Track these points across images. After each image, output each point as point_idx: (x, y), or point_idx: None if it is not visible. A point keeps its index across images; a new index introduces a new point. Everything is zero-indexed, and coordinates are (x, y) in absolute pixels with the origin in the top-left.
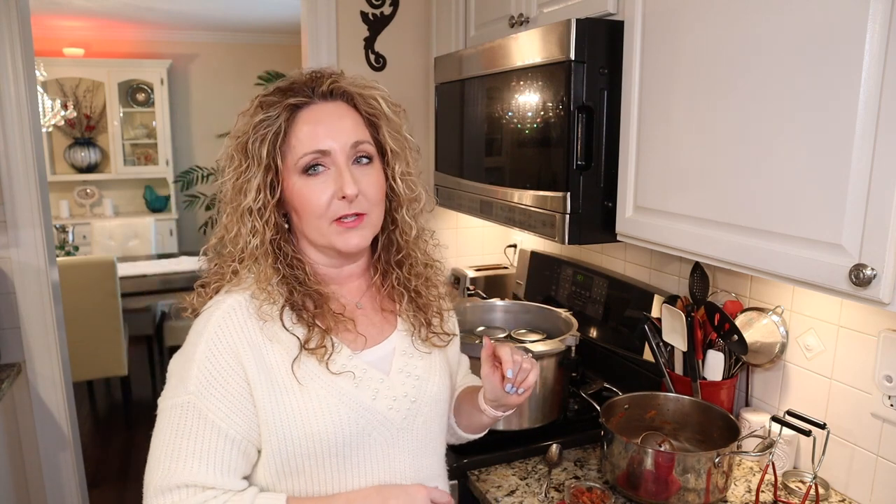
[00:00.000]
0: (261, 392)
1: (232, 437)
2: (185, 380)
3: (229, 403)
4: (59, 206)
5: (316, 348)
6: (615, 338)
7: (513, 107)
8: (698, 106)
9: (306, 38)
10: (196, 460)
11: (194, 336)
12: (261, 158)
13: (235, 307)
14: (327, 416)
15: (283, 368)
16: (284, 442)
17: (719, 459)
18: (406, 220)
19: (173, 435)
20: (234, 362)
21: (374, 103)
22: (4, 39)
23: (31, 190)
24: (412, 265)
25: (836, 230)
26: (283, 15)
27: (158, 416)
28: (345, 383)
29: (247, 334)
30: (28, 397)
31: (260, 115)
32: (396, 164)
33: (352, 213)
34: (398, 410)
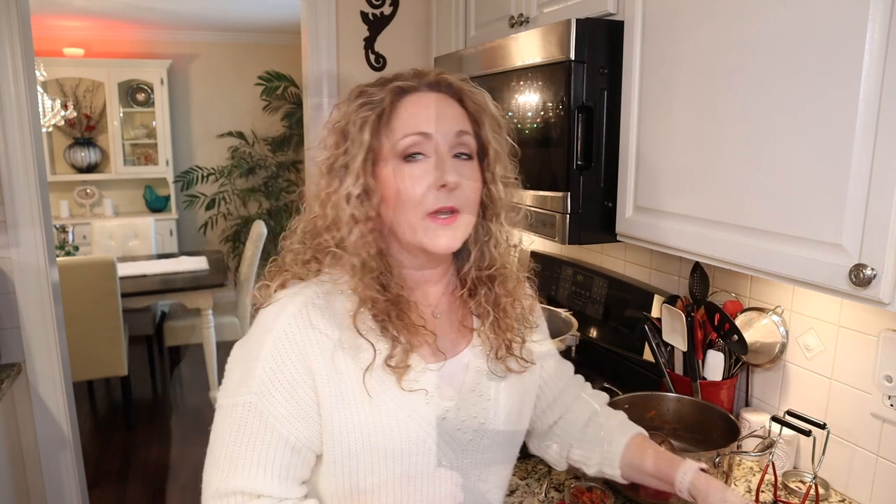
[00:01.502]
0: (328, 400)
1: (293, 443)
2: (248, 378)
3: (293, 408)
4: (59, 206)
5: (397, 367)
6: (615, 338)
7: (513, 107)
8: (698, 106)
9: (306, 38)
10: (255, 467)
11: (261, 331)
12: (361, 141)
13: (308, 304)
14: (396, 433)
15: (353, 377)
16: (349, 455)
17: (719, 459)
18: (502, 230)
19: (234, 437)
20: (302, 365)
21: (480, 99)
22: (4, 39)
23: (31, 190)
24: (503, 282)
25: (836, 230)
26: (283, 15)
27: (218, 412)
28: (416, 399)
29: (318, 335)
30: (28, 397)
31: (361, 100)
32: (497, 165)
33: (447, 207)
34: (465, 431)
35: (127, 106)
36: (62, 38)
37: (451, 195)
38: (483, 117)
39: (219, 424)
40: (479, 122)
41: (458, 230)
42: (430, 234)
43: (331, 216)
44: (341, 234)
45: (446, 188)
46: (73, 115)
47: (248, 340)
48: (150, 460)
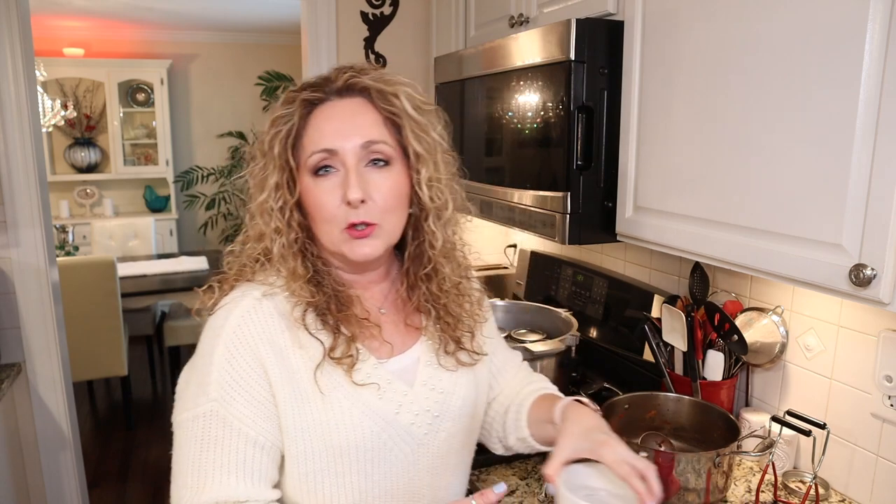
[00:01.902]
0: (283, 397)
1: (261, 443)
2: (204, 386)
3: (254, 408)
4: (59, 206)
5: (342, 357)
6: (615, 338)
7: (513, 107)
8: (698, 106)
9: (306, 38)
10: (226, 472)
11: (210, 337)
12: (275, 156)
13: (255, 305)
14: (350, 428)
15: (305, 375)
16: (305, 454)
17: (719, 459)
18: (433, 231)
19: (198, 448)
20: (256, 363)
21: (395, 101)
22: (4, 39)
23: (31, 190)
24: (441, 280)
25: (835, 230)
26: (283, 15)
27: (177, 431)
28: (369, 394)
29: (269, 334)
30: (28, 397)
31: (280, 111)
32: (422, 168)
33: (360, 221)
34: (420, 425)
35: (127, 106)
36: (62, 38)
37: (361, 210)
38: (401, 120)
39: (180, 441)
40: (398, 126)
41: (378, 239)
42: (348, 246)
43: (258, 227)
44: (265, 244)
45: (351, 205)
46: (73, 115)
47: (198, 353)
48: (150, 460)
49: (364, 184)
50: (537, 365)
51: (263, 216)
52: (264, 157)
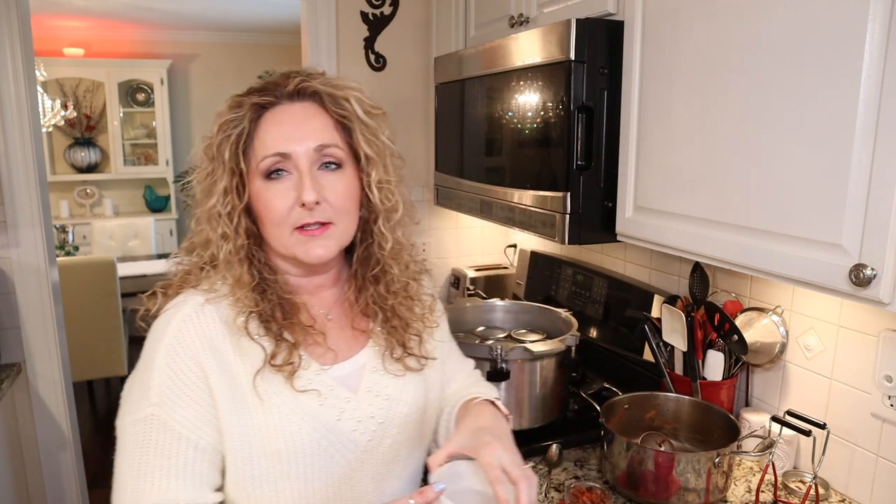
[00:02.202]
0: (223, 402)
1: (203, 447)
2: (146, 390)
3: (195, 412)
4: (59, 206)
5: (283, 365)
6: (615, 338)
7: (513, 107)
8: (698, 105)
9: (306, 38)
10: (166, 477)
11: (153, 342)
12: (225, 161)
13: (197, 310)
14: (289, 435)
15: (245, 381)
16: (244, 460)
17: (719, 459)
18: (382, 233)
19: (139, 452)
20: (197, 368)
21: (346, 104)
22: (4, 39)
23: (31, 190)
24: (390, 282)
25: (835, 230)
26: (283, 15)
27: (119, 436)
28: (309, 401)
29: (209, 340)
30: (28, 397)
31: (228, 116)
32: (372, 171)
33: (314, 221)
34: (363, 432)
35: (127, 106)
36: (62, 38)
37: (315, 211)
38: (351, 124)
39: (122, 445)
40: (348, 129)
41: (331, 240)
42: (301, 247)
43: (204, 233)
44: (212, 250)
45: (306, 207)
46: (73, 115)
47: (141, 359)
48: None
49: (318, 186)
50: (537, 365)
51: (210, 221)
52: (212, 162)
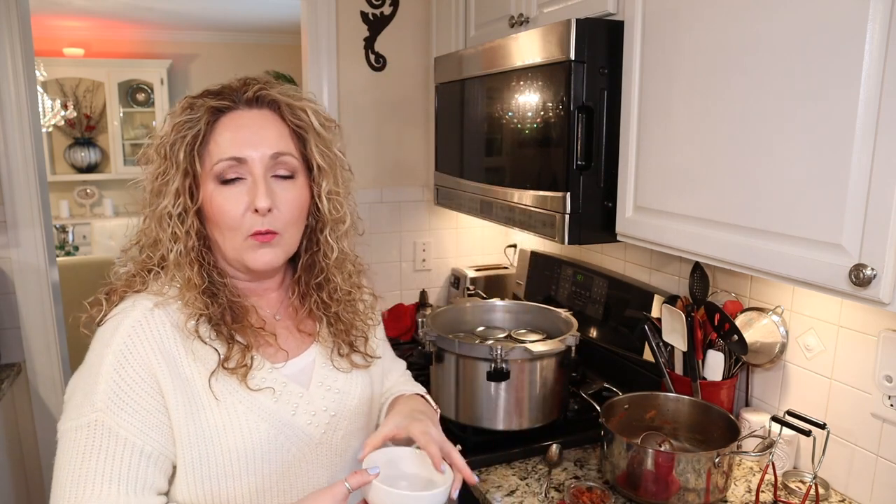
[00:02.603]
0: (176, 406)
1: (148, 452)
2: (90, 396)
3: (142, 418)
4: (59, 206)
5: (236, 367)
6: (615, 338)
7: (513, 107)
8: (698, 105)
9: (306, 38)
10: (107, 482)
11: (99, 347)
12: (179, 161)
13: (146, 315)
14: (246, 432)
15: (199, 382)
16: (201, 459)
17: (719, 459)
18: (328, 242)
19: (80, 458)
20: (146, 374)
21: (303, 115)
22: (4, 39)
23: (31, 190)
24: (332, 290)
25: (835, 230)
26: (283, 15)
27: (60, 441)
28: (264, 398)
29: (160, 344)
30: (28, 397)
31: (183, 117)
32: (323, 181)
33: (265, 230)
34: (317, 425)
35: (127, 106)
36: (62, 38)
37: (266, 218)
38: (307, 134)
39: (62, 451)
40: (304, 140)
41: (279, 248)
42: (250, 254)
43: (153, 234)
44: (161, 251)
45: (259, 213)
46: (73, 115)
47: (86, 363)
48: None
49: (271, 194)
50: (537, 365)
51: (161, 222)
52: (165, 161)
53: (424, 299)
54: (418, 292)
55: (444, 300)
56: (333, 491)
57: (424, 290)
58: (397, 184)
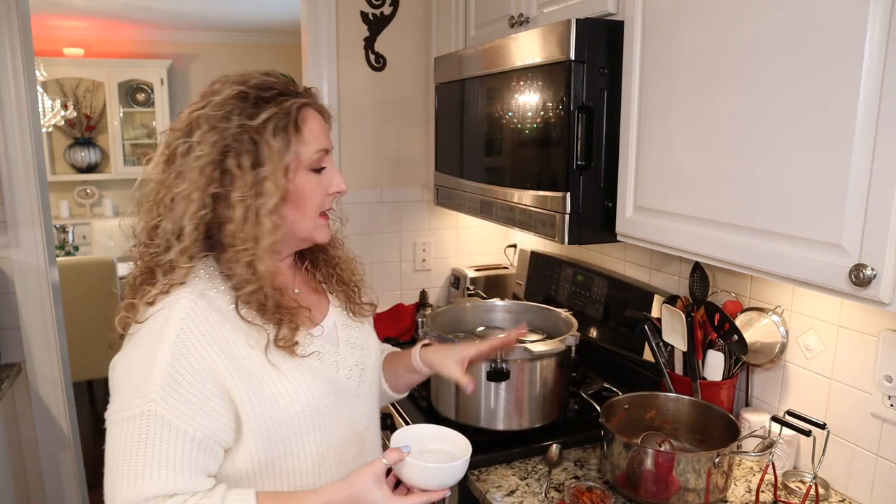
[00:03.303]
0: (236, 385)
1: (199, 438)
2: (143, 387)
3: (195, 405)
4: (59, 206)
5: (290, 345)
6: (615, 338)
7: (513, 107)
8: (698, 105)
9: (306, 38)
10: (162, 469)
11: (152, 341)
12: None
13: (193, 305)
14: (307, 393)
15: (254, 358)
16: (269, 427)
17: (719, 459)
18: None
19: (136, 446)
20: (200, 364)
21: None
22: (4, 39)
23: (31, 190)
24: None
25: (835, 230)
26: (283, 15)
27: (113, 428)
28: (312, 361)
29: (211, 331)
30: (28, 397)
31: (270, 109)
32: None
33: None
34: (353, 379)
35: (127, 106)
36: (62, 38)
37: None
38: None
39: (116, 439)
40: None
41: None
42: (321, 230)
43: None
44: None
45: (340, 195)
46: (73, 115)
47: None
48: None
49: None
50: (537, 365)
51: (272, 216)
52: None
53: (424, 299)
54: (418, 292)
55: (444, 300)
56: (374, 468)
57: (424, 290)
58: (397, 184)
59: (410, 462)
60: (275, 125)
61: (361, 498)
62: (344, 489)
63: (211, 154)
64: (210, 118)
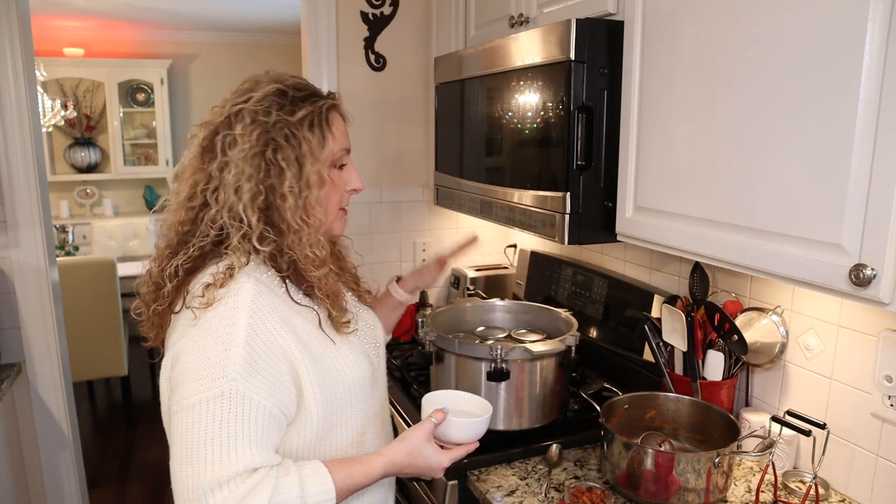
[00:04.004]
0: (303, 360)
1: (275, 414)
2: (222, 368)
3: (271, 382)
4: (59, 206)
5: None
6: (615, 338)
7: (513, 107)
8: (698, 105)
9: (306, 38)
10: (247, 445)
11: (225, 324)
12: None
13: (258, 290)
14: (357, 366)
15: (312, 335)
16: (329, 398)
17: (719, 459)
18: None
19: (217, 425)
20: (272, 343)
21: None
22: (4, 39)
23: (31, 190)
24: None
25: (835, 230)
26: (283, 15)
27: (188, 413)
28: (354, 337)
29: (277, 313)
30: (28, 397)
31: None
32: None
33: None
34: (378, 355)
35: (127, 106)
36: (62, 38)
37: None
38: None
39: (194, 421)
40: None
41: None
42: (338, 223)
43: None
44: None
45: (356, 192)
46: (73, 115)
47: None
48: (150, 460)
49: None
50: (537, 365)
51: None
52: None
53: (424, 299)
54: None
55: (444, 300)
56: (424, 427)
57: (424, 290)
58: (397, 184)
59: (452, 420)
60: (310, 122)
61: (418, 455)
62: (403, 448)
63: (256, 146)
64: (252, 112)
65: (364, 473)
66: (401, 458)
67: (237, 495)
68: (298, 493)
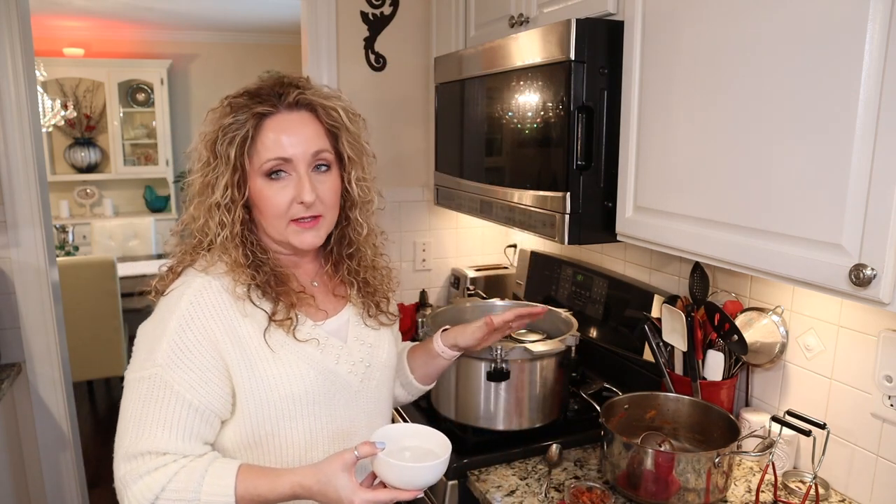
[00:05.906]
0: (236, 362)
1: (196, 406)
2: (153, 353)
3: (196, 375)
4: (59, 206)
5: (283, 320)
6: (615, 338)
7: (513, 107)
8: (698, 105)
9: (306, 38)
10: (160, 428)
11: (166, 312)
12: (229, 159)
13: (206, 286)
14: (299, 379)
15: (255, 339)
16: (259, 405)
17: (719, 459)
18: (359, 220)
19: (141, 405)
20: (205, 338)
21: (336, 115)
22: (4, 39)
23: (31, 190)
24: (362, 258)
25: (835, 230)
26: (283, 15)
27: (126, 387)
28: (311, 349)
29: (218, 311)
30: (28, 397)
31: (229, 119)
32: (353, 170)
33: (308, 215)
34: (356, 374)
35: (127, 106)
36: (62, 38)
37: (310, 207)
38: (340, 132)
39: (127, 397)
40: (336, 136)
41: (321, 229)
42: (295, 236)
43: (201, 221)
44: (210, 237)
45: (304, 205)
46: (73, 115)
47: (153, 322)
48: None
49: (313, 186)
50: (537, 365)
51: (210, 212)
52: (216, 159)
53: (424, 299)
54: (418, 292)
55: (444, 300)
56: (343, 457)
57: (424, 290)
58: (397, 184)
59: (383, 458)
60: (226, 132)
61: (328, 483)
62: (315, 473)
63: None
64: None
65: (270, 487)
66: (310, 482)
67: (140, 471)
68: (195, 486)
